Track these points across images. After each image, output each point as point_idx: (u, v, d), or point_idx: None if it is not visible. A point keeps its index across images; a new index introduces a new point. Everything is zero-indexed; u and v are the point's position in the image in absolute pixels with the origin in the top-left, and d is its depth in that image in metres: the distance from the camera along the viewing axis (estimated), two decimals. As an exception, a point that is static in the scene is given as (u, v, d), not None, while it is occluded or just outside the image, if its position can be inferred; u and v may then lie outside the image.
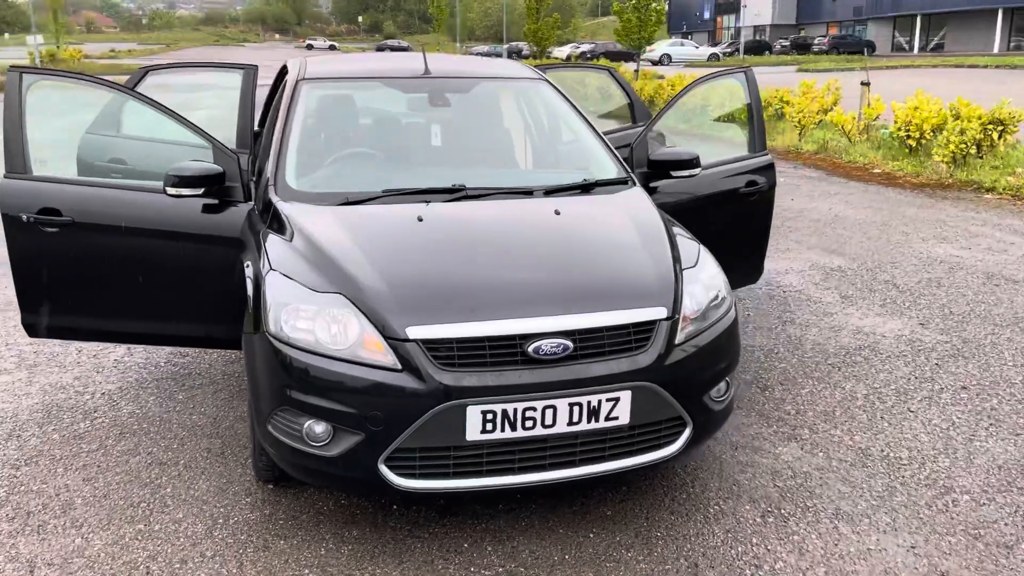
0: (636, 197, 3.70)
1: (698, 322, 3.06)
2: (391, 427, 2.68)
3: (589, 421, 2.81)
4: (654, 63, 46.42)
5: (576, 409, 2.78)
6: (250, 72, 4.78)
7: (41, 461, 3.52)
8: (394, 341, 2.71)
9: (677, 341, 2.95)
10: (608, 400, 2.81)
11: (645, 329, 2.90)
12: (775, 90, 15.61)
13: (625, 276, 3.07)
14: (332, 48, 76.99)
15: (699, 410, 3.03)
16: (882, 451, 3.64)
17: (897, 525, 3.10)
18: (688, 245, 3.38)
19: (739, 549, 2.95)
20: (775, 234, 7.55)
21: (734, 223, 4.63)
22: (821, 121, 13.67)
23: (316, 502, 3.20)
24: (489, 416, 2.71)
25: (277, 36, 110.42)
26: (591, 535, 3.02)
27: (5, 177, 3.75)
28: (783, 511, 3.18)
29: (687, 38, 69.03)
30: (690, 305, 3.07)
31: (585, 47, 53.98)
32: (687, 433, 3.01)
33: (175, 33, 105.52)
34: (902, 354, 4.74)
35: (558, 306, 2.84)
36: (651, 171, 4.16)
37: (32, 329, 3.88)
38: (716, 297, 3.19)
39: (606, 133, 4.98)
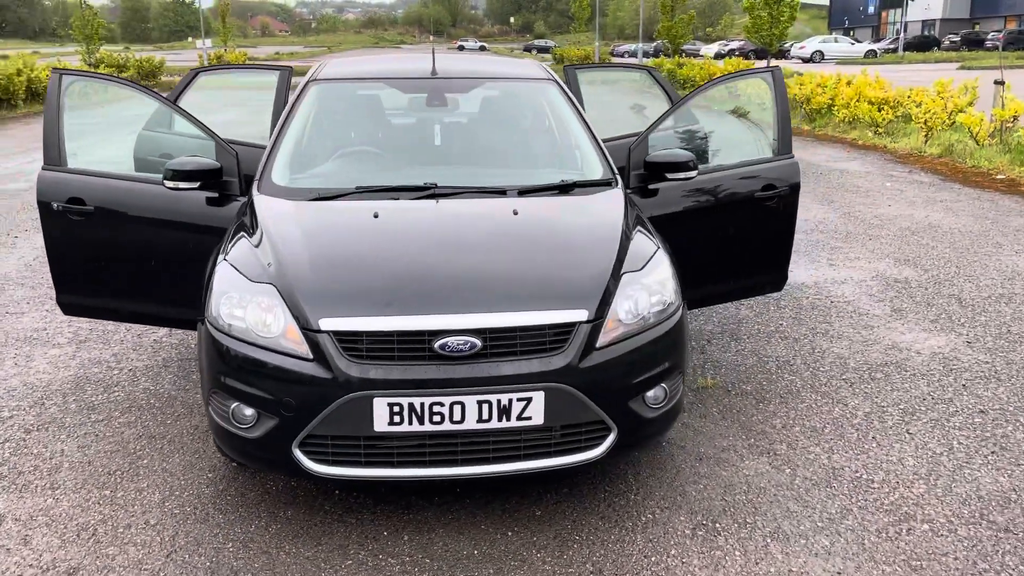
0: (609, 199, 3.67)
1: (629, 326, 3.02)
2: (302, 414, 2.82)
3: (500, 419, 2.84)
4: (805, 60, 44.59)
5: (485, 407, 2.82)
6: (284, 73, 5.05)
7: (51, 428, 3.89)
8: (308, 332, 2.83)
9: (599, 344, 2.93)
10: (519, 400, 2.83)
11: (563, 331, 2.89)
12: (907, 88, 14.71)
13: (553, 277, 3.07)
14: (482, 49, 78.55)
15: (625, 416, 2.99)
16: (855, 472, 3.45)
17: (833, 549, 2.94)
18: (643, 248, 3.32)
19: (652, 559, 2.90)
20: (850, 241, 7.21)
21: (751, 228, 4.47)
22: (954, 123, 12.79)
23: (267, 481, 3.38)
24: (396, 409, 2.79)
25: (431, 37, 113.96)
26: (510, 533, 3.04)
27: (43, 168, 4.16)
28: (718, 526, 3.09)
29: (849, 34, 65.89)
30: (624, 308, 3.03)
31: (735, 44, 52.59)
32: (611, 438, 2.98)
33: (339, 36, 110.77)
34: (929, 373, 4.44)
35: (471, 304, 2.88)
36: (647, 173, 4.11)
37: (65, 308, 4.28)
38: (661, 302, 3.13)
39: (626, 136, 4.93)
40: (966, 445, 3.67)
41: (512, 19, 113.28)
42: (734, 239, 4.44)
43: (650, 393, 3.08)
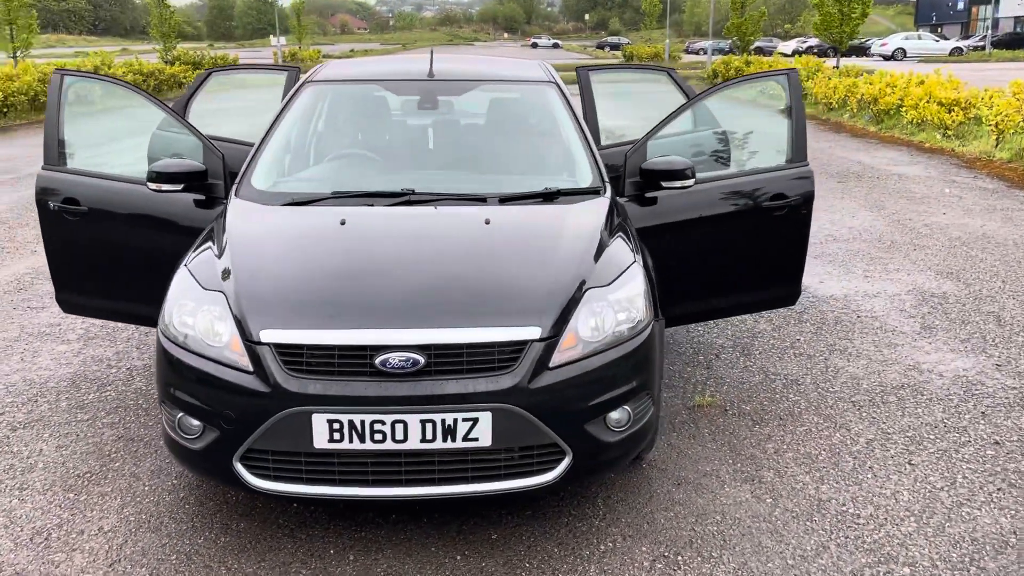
0: (591, 209, 3.51)
1: (591, 344, 2.87)
2: (241, 428, 2.75)
3: (445, 440, 2.72)
4: (886, 58, 43.08)
5: (429, 426, 2.71)
6: (292, 74, 5.03)
7: (37, 426, 3.93)
8: (250, 343, 2.77)
9: (553, 364, 2.79)
10: (465, 420, 2.71)
11: (513, 349, 2.76)
12: (981, 89, 13.99)
13: (509, 292, 2.93)
14: (555, 46, 78.34)
15: (581, 439, 2.84)
16: (842, 506, 3.22)
17: (798, 591, 2.74)
18: (616, 262, 3.16)
19: (601, 593, 2.75)
20: (893, 251, 6.86)
21: (760, 240, 4.24)
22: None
23: (228, 491, 3.32)
24: (336, 426, 2.70)
25: (506, 35, 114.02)
26: (459, 557, 2.92)
27: (43, 168, 4.21)
28: (680, 559, 2.91)
29: (937, 31, 63.43)
30: (588, 325, 2.88)
31: (813, 41, 51.08)
32: (566, 463, 2.84)
33: (414, 34, 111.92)
34: (947, 398, 4.15)
35: (417, 319, 2.77)
36: (643, 181, 3.94)
37: (64, 306, 4.34)
38: (629, 320, 2.97)
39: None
40: (971, 480, 3.40)
41: (587, 16, 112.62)
42: (741, 251, 4.23)
43: (612, 415, 2.92)
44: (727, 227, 4.16)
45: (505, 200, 3.52)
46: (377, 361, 2.69)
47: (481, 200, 3.52)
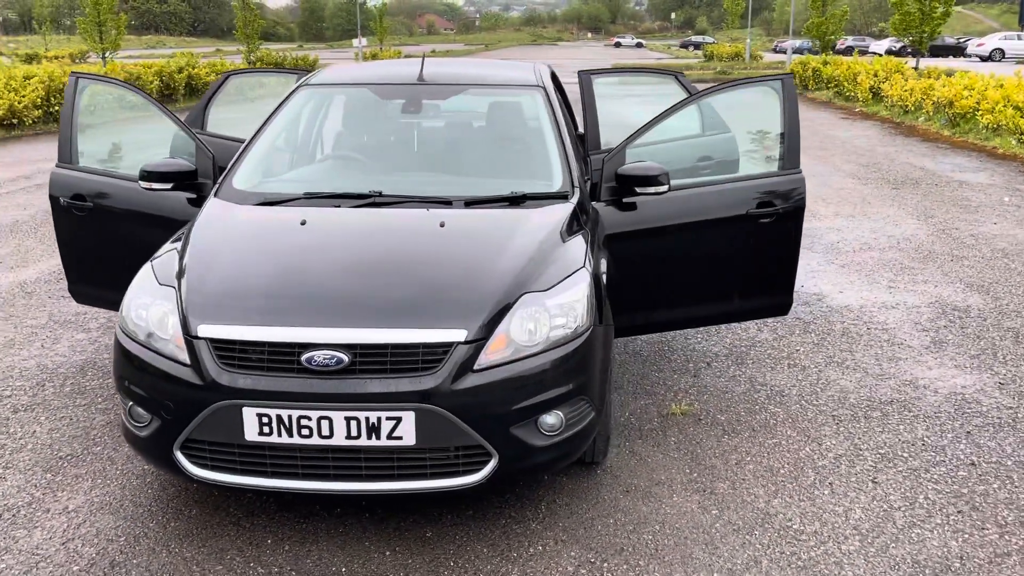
0: (551, 213, 3.52)
1: (523, 348, 2.90)
2: (180, 418, 2.88)
3: (370, 438, 2.79)
4: (983, 59, 41.27)
5: (354, 424, 2.78)
6: (303, 77, 5.18)
7: (37, 410, 4.17)
8: (189, 337, 2.89)
9: (481, 365, 2.83)
10: (389, 419, 2.78)
11: (437, 350, 2.81)
12: (1062, 93, 13.31)
13: (440, 294, 2.97)
14: (639, 46, 77.68)
15: (508, 442, 2.87)
16: (787, 520, 3.16)
17: (715, 605, 2.71)
18: (563, 267, 3.17)
19: (516, 595, 2.77)
20: (928, 262, 6.64)
21: (746, 247, 4.18)
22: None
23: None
24: (265, 420, 2.80)
25: (590, 35, 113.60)
26: (388, 553, 2.99)
27: (56, 166, 4.47)
28: (605, 565, 2.91)
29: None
30: (522, 329, 2.91)
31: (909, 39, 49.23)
32: (491, 465, 2.87)
33: (498, 34, 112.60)
34: (935, 415, 4.01)
35: (344, 318, 2.84)
36: (618, 186, 3.93)
37: (76, 296, 4.60)
38: (565, 325, 2.99)
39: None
40: (933, 500, 3.28)
41: (673, 15, 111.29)
42: (725, 258, 4.18)
43: (546, 419, 2.94)
44: (712, 234, 4.11)
45: (470, 203, 3.57)
46: (303, 358, 2.78)
47: (447, 203, 3.57)
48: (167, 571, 2.90)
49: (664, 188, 3.83)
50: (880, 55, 35.29)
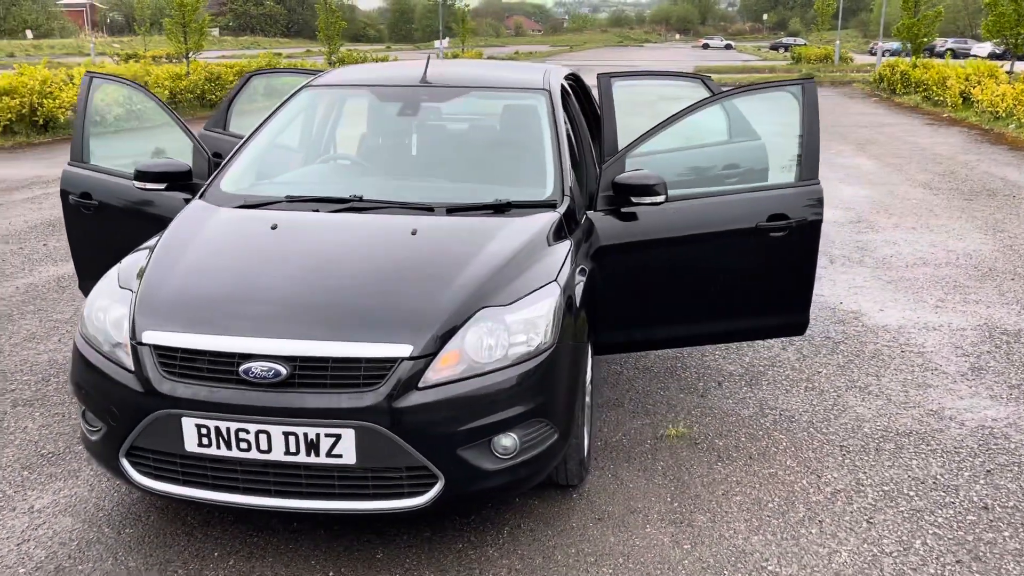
0: (533, 223, 3.36)
1: (477, 365, 2.75)
2: (122, 425, 2.83)
3: (309, 454, 2.69)
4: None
5: (292, 439, 2.68)
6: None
7: (35, 405, 4.22)
8: (135, 343, 2.84)
9: (423, 384, 2.69)
10: (328, 436, 2.67)
11: (381, 365, 2.69)
12: None
13: (389, 307, 2.84)
14: (728, 47, 76.17)
15: (454, 464, 2.72)
16: (763, 561, 2.92)
17: (661, 652, 2.50)
18: (531, 281, 3.00)
19: (451, 628, 2.62)
20: (985, 281, 6.21)
21: (757, 263, 3.93)
22: None
23: (159, 483, 3.43)
24: (204, 431, 2.72)
25: (678, 36, 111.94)
26: (331, 573, 2.87)
27: (68, 164, 4.53)
28: (554, 600, 2.73)
29: None
30: (478, 345, 2.77)
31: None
32: (437, 488, 2.73)
33: (584, 35, 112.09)
34: (955, 450, 3.68)
35: (285, 329, 2.74)
36: (615, 195, 3.74)
37: (85, 292, 4.66)
38: (526, 342, 2.83)
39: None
40: (931, 547, 2.99)
41: (766, 16, 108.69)
42: (733, 274, 3.94)
43: (501, 441, 2.79)
44: (718, 247, 3.88)
45: (452, 211, 3.44)
46: (241, 369, 2.69)
47: (428, 209, 3.45)
48: (108, 580, 2.86)
49: (661, 198, 3.63)
50: (983, 58, 33.70)
